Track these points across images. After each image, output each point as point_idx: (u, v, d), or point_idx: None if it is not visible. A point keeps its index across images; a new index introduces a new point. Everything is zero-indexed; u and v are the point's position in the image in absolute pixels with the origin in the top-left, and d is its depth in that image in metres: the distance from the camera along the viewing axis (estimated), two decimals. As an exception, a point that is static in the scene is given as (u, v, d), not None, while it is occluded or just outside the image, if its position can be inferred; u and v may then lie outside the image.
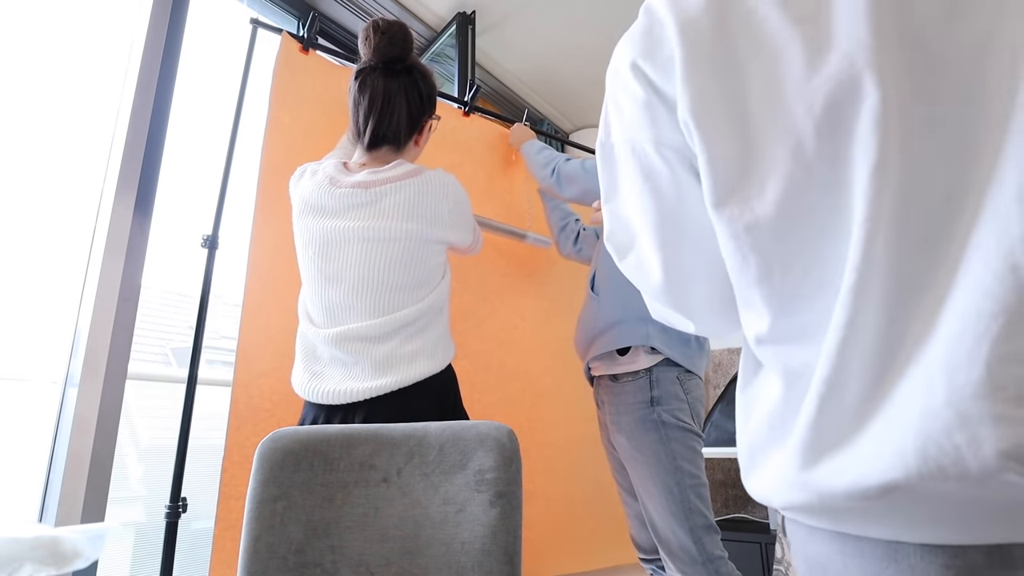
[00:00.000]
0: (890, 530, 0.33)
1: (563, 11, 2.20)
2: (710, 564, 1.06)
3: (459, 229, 1.09)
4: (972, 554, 0.31)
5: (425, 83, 1.12)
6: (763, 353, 0.43)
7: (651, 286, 0.53)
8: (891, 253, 0.33)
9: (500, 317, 1.72)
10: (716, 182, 0.42)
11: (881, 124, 0.34)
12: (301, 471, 0.76)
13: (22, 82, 1.29)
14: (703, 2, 0.45)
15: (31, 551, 0.70)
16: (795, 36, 0.39)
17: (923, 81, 0.35)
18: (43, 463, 1.16)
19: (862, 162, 0.35)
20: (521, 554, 0.75)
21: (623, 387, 1.19)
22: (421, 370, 0.95)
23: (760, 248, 0.40)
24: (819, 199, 0.38)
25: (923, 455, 0.28)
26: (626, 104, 0.51)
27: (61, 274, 1.28)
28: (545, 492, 1.64)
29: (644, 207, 0.51)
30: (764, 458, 0.40)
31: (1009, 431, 0.26)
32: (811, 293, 0.38)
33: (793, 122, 0.39)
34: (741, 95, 0.42)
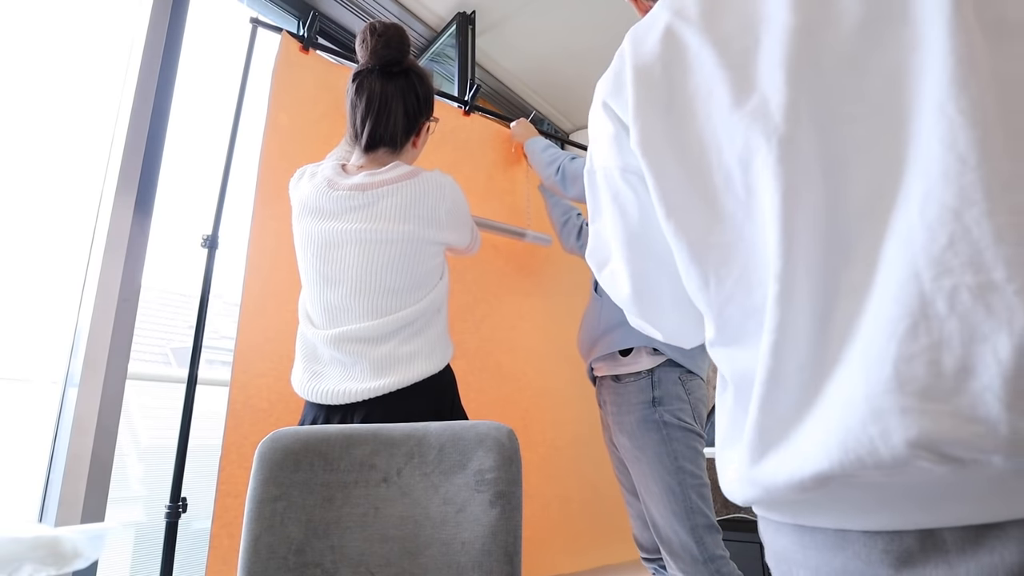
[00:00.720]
0: (836, 519, 0.37)
1: (563, 11, 2.19)
2: (711, 564, 1.06)
3: (456, 230, 1.09)
4: (907, 539, 0.33)
5: (422, 85, 1.12)
6: (716, 356, 0.48)
7: (622, 297, 0.60)
8: (810, 265, 0.37)
9: (498, 317, 1.72)
10: (663, 204, 0.49)
11: (788, 157, 0.39)
12: (301, 471, 0.76)
13: (22, 82, 1.29)
14: (657, 49, 0.52)
15: (31, 551, 0.70)
16: (725, 79, 0.46)
17: (834, 111, 0.40)
18: (43, 463, 1.16)
19: (775, 188, 0.39)
20: (521, 554, 0.74)
21: (625, 387, 1.19)
22: (419, 371, 0.95)
23: (699, 261, 0.46)
24: (744, 219, 0.43)
25: (844, 448, 0.31)
26: (600, 137, 0.59)
27: (61, 274, 1.28)
28: (540, 492, 1.64)
29: (614, 226, 0.58)
30: (726, 457, 0.44)
31: (915, 421, 0.29)
32: (743, 302, 0.43)
33: (721, 155, 0.45)
34: (683, 130, 0.49)
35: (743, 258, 0.43)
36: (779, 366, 0.37)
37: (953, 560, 0.32)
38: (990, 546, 0.30)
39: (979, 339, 0.28)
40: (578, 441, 1.76)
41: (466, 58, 2.16)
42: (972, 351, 0.28)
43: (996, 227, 0.29)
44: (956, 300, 0.29)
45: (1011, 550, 0.30)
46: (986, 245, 0.29)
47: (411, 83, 1.09)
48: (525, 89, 2.64)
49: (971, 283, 0.29)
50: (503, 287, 1.76)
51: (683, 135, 0.49)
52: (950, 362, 0.29)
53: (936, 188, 0.32)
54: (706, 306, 0.47)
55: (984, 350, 0.28)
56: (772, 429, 0.37)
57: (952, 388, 0.28)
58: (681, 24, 0.51)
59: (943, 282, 0.30)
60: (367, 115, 1.07)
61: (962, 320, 0.29)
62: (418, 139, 1.15)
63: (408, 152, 1.13)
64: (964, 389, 0.28)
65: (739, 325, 0.43)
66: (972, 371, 0.28)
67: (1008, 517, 0.30)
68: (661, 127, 0.50)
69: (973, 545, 0.31)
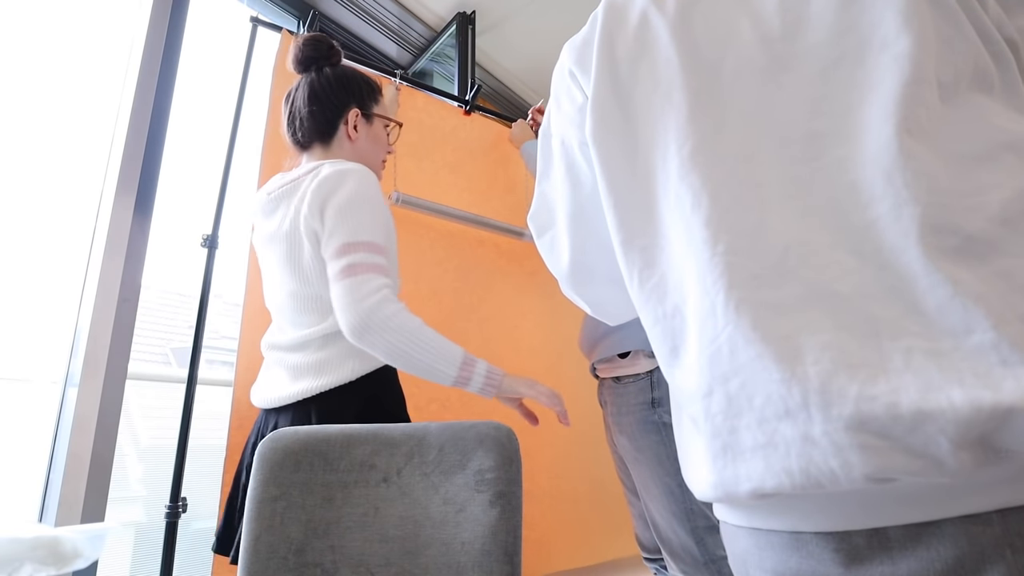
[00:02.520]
0: (791, 522, 0.39)
1: (563, 11, 2.19)
2: (712, 565, 1.06)
3: (337, 225, 0.90)
4: (855, 538, 0.36)
5: (321, 79, 1.05)
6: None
7: (560, 267, 0.61)
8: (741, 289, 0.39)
9: (501, 317, 1.72)
10: (608, 196, 0.50)
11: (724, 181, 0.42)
12: (301, 471, 0.76)
13: (22, 82, 1.29)
14: (629, 39, 0.52)
15: (31, 551, 0.70)
16: (686, 88, 0.47)
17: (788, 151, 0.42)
18: (43, 463, 1.16)
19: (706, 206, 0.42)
20: (521, 554, 0.74)
21: (624, 388, 1.19)
22: (328, 380, 0.91)
23: (629, 258, 0.48)
24: (673, 227, 0.44)
25: (806, 474, 0.34)
26: (565, 103, 0.58)
27: (61, 274, 1.28)
28: (549, 492, 1.64)
29: (564, 196, 0.58)
30: (690, 459, 0.46)
31: (872, 457, 0.32)
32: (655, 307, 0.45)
33: (667, 160, 0.46)
34: (636, 127, 0.50)
35: (663, 264, 0.45)
36: (716, 380, 0.39)
37: (896, 556, 0.34)
38: (928, 542, 0.33)
39: (933, 389, 0.31)
40: (586, 440, 1.75)
41: (466, 58, 2.16)
42: (927, 398, 0.31)
43: (938, 301, 0.33)
44: (911, 359, 0.33)
45: (946, 545, 0.33)
46: (933, 317, 0.33)
47: (319, 78, 1.05)
48: (525, 89, 2.63)
49: (923, 348, 0.33)
50: (506, 287, 1.76)
51: (635, 132, 0.49)
52: (907, 406, 0.31)
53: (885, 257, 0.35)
54: (635, 302, 0.49)
55: (939, 398, 0.31)
56: (723, 445, 0.39)
57: (909, 429, 0.31)
58: (656, 15, 0.52)
59: (899, 344, 0.33)
60: (287, 119, 1.08)
61: (916, 375, 0.32)
62: (349, 128, 1.05)
63: (344, 146, 1.05)
64: (919, 430, 0.31)
65: (652, 327, 0.46)
66: (929, 416, 0.31)
67: (944, 515, 0.33)
68: (617, 120, 0.51)
69: (914, 542, 0.34)
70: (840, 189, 0.39)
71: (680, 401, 0.46)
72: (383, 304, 0.85)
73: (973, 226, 0.34)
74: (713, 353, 0.39)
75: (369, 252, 0.89)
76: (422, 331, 0.87)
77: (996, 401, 0.29)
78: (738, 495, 0.38)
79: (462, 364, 0.89)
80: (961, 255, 0.34)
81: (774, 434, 0.36)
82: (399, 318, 0.86)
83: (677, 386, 0.45)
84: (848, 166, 0.39)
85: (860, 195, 0.38)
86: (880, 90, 0.39)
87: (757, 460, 0.36)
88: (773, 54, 0.45)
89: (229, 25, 1.68)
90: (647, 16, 0.52)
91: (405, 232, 1.58)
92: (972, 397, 0.30)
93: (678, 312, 0.43)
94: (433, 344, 0.87)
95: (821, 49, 0.43)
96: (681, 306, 0.43)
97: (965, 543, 0.32)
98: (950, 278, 0.33)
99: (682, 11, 0.50)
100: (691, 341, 0.42)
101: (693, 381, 0.41)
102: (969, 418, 0.29)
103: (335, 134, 1.05)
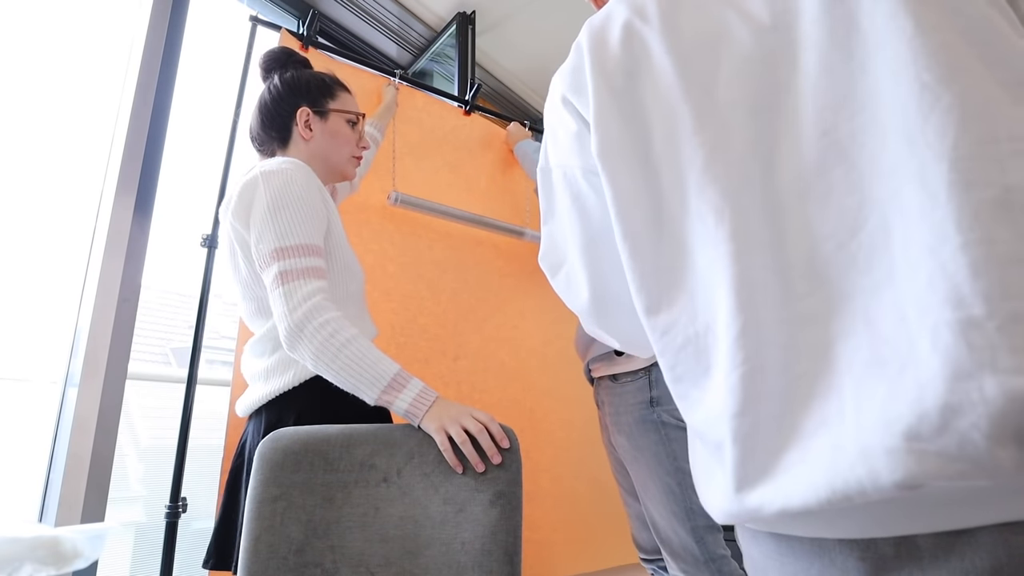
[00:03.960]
0: (814, 529, 0.37)
1: (563, 11, 2.19)
2: (712, 564, 1.06)
3: (263, 231, 0.87)
4: (882, 546, 0.34)
5: (271, 87, 1.07)
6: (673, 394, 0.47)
7: (580, 303, 0.58)
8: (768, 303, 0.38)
9: (501, 317, 1.72)
10: (620, 221, 0.48)
11: (742, 190, 0.40)
12: (301, 471, 0.76)
13: (22, 82, 1.29)
14: (619, 52, 0.50)
15: (31, 551, 0.70)
16: (688, 99, 0.45)
17: (794, 151, 0.40)
18: (43, 463, 1.16)
19: (729, 221, 0.40)
20: (521, 554, 0.74)
21: (623, 387, 1.19)
22: (274, 387, 0.90)
23: (646, 284, 0.46)
24: (695, 245, 0.43)
25: (831, 487, 0.32)
26: (560, 134, 0.56)
27: (61, 274, 1.28)
28: (550, 493, 1.64)
29: (573, 228, 0.56)
30: (707, 486, 0.44)
31: (901, 463, 0.29)
32: (685, 329, 0.43)
33: (680, 176, 0.44)
34: (644, 141, 0.47)
35: (691, 284, 0.43)
36: (749, 401, 0.37)
37: (927, 566, 0.32)
38: (961, 552, 0.31)
39: (963, 377, 0.28)
40: (586, 441, 1.75)
41: (466, 58, 2.16)
42: (956, 389, 0.28)
43: (972, 261, 0.29)
44: (938, 338, 0.29)
45: (981, 555, 0.30)
46: (963, 280, 0.29)
47: (269, 88, 1.07)
48: (525, 89, 2.63)
49: (951, 319, 0.29)
50: (505, 287, 1.76)
51: (643, 150, 0.48)
52: (934, 401, 0.28)
53: (913, 226, 0.32)
54: (650, 330, 0.46)
55: (969, 388, 0.28)
56: (754, 466, 0.37)
57: (938, 427, 0.28)
58: (642, 25, 0.50)
59: (925, 320, 0.30)
60: (248, 135, 1.11)
61: (944, 357, 0.29)
62: (300, 128, 1.04)
63: (300, 145, 1.05)
64: (950, 428, 0.28)
65: (682, 348, 0.44)
66: (958, 410, 0.28)
67: (980, 523, 0.31)
68: (622, 138, 0.49)
69: (946, 551, 0.31)
70: (857, 162, 0.36)
71: (702, 422, 0.43)
72: (315, 312, 0.82)
73: (1013, 176, 0.30)
74: (747, 372, 0.37)
75: (299, 256, 0.86)
76: (349, 346, 0.81)
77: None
78: (764, 516, 0.36)
79: (387, 386, 0.80)
80: (999, 209, 0.29)
81: (807, 451, 0.34)
82: (328, 328, 0.81)
83: (704, 408, 0.42)
84: (863, 138, 0.36)
85: (879, 167, 0.35)
86: (886, 50, 0.36)
87: (788, 478, 0.34)
88: (767, 45, 0.43)
89: (229, 25, 1.68)
90: (632, 28, 0.50)
91: (404, 232, 1.58)
92: (1007, 386, 0.26)
93: (710, 331, 0.41)
94: (358, 361, 0.81)
95: (814, 28, 0.40)
96: (712, 324, 0.41)
97: (1003, 553, 0.30)
98: (986, 237, 0.29)
99: (666, 18, 0.49)
100: (722, 360, 0.39)
101: (721, 401, 0.39)
102: (1004, 410, 0.26)
103: (290, 136, 1.05)
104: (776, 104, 0.41)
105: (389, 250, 1.53)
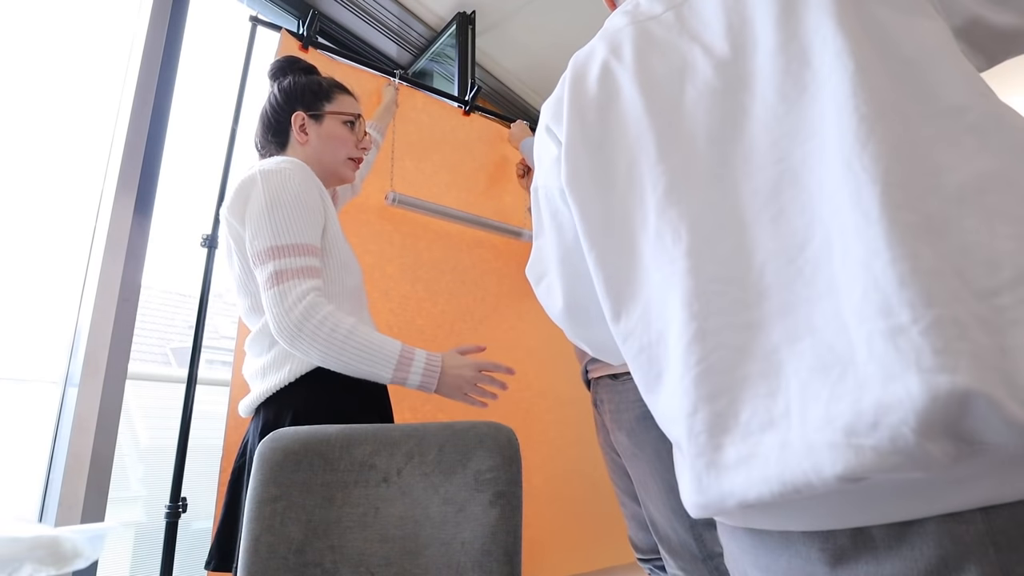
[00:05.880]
0: (778, 522, 0.40)
1: (563, 11, 2.20)
2: (710, 561, 1.06)
3: (259, 229, 0.88)
4: (840, 537, 0.36)
5: (270, 96, 1.09)
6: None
7: (556, 310, 0.63)
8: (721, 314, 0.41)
9: (498, 317, 1.72)
10: (586, 238, 0.52)
11: (699, 210, 0.44)
12: (301, 471, 0.76)
13: (22, 82, 1.29)
14: (594, 88, 0.56)
15: (31, 551, 0.70)
16: (652, 128, 0.49)
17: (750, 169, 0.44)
18: (43, 463, 1.16)
19: (685, 237, 0.44)
20: (521, 554, 0.74)
21: (624, 385, 1.19)
22: (270, 384, 0.90)
23: (612, 294, 0.50)
24: (654, 260, 0.46)
25: (782, 480, 0.34)
26: (544, 158, 0.62)
27: (61, 274, 1.28)
28: (543, 492, 1.64)
29: (551, 242, 0.61)
30: (680, 474, 0.47)
31: (841, 456, 0.32)
32: (640, 337, 0.47)
33: (643, 198, 0.48)
34: (610, 171, 0.52)
35: (646, 296, 0.47)
36: (701, 400, 0.40)
37: (881, 556, 0.34)
38: (912, 542, 0.33)
39: (893, 378, 0.31)
40: (581, 441, 1.76)
41: (466, 58, 2.16)
42: (888, 389, 0.31)
43: (899, 274, 0.32)
44: (873, 344, 0.32)
45: (930, 544, 0.33)
46: (892, 291, 0.32)
47: (269, 97, 1.10)
48: (525, 89, 2.64)
49: (883, 328, 0.32)
50: (502, 288, 1.76)
51: (609, 176, 0.52)
52: (869, 401, 0.31)
53: (850, 242, 0.35)
54: (616, 337, 0.50)
55: (898, 388, 0.30)
56: (711, 462, 0.39)
57: (872, 423, 0.31)
58: (616, 65, 0.55)
59: (862, 329, 0.33)
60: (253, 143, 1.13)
61: (879, 362, 0.32)
62: (296, 130, 1.05)
63: (297, 149, 1.06)
64: (882, 424, 0.30)
65: (638, 355, 0.47)
66: (889, 408, 0.30)
67: (926, 514, 0.33)
68: (589, 166, 0.54)
69: (898, 541, 0.34)
70: (807, 185, 0.40)
71: (662, 423, 0.47)
72: (311, 311, 0.83)
73: (932, 204, 0.34)
74: (699, 375, 0.40)
75: (294, 255, 0.86)
76: (353, 335, 0.85)
77: (953, 385, 0.29)
78: (726, 509, 0.39)
79: (398, 364, 0.86)
80: (922, 230, 0.33)
81: (757, 445, 0.37)
82: (328, 324, 0.83)
83: (660, 411, 0.46)
84: (811, 162, 0.40)
85: (823, 187, 0.38)
86: (830, 84, 0.40)
87: (740, 473, 0.37)
88: (728, 76, 0.47)
89: (229, 25, 1.68)
90: (608, 67, 0.55)
91: (403, 233, 1.58)
92: (929, 384, 0.29)
93: (662, 339, 0.45)
94: (365, 348, 0.85)
95: (770, 62, 0.44)
96: (665, 333, 0.44)
97: (948, 542, 0.32)
98: (911, 253, 0.32)
99: (639, 56, 0.53)
100: (674, 365, 0.43)
101: (676, 403, 0.42)
102: (927, 407, 0.29)
103: (288, 141, 1.07)
104: (734, 132, 0.45)
105: (388, 251, 1.53)
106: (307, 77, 1.12)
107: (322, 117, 1.08)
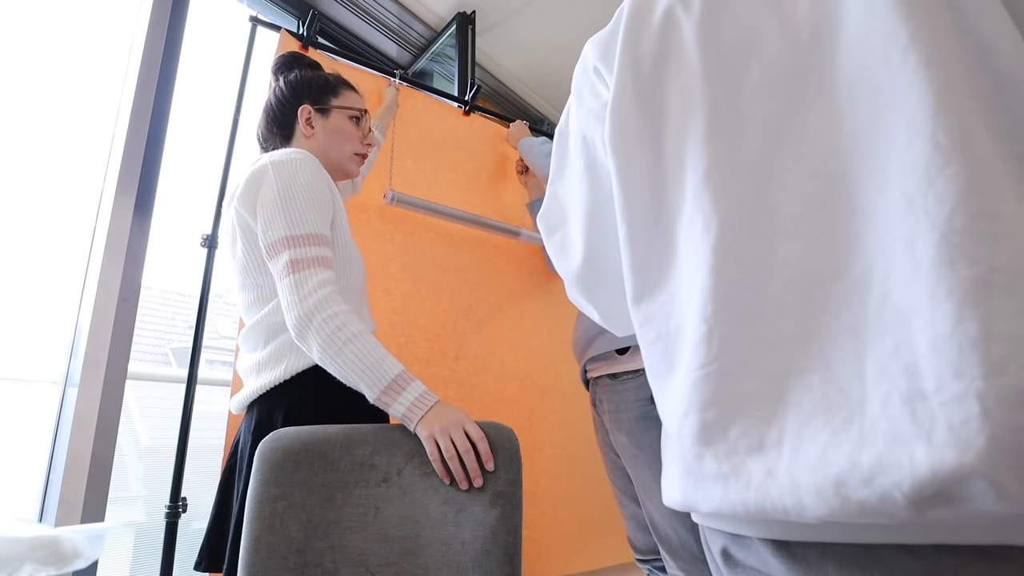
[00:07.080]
0: (738, 528, 0.41)
1: (564, 10, 2.19)
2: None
3: (272, 219, 0.88)
4: (795, 547, 0.37)
5: (276, 90, 1.10)
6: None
7: (570, 267, 0.58)
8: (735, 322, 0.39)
9: (500, 317, 1.72)
10: (622, 199, 0.48)
11: (733, 206, 0.41)
12: (301, 471, 0.76)
13: (22, 82, 1.29)
14: (653, 39, 0.49)
15: (31, 551, 0.70)
16: (706, 101, 0.45)
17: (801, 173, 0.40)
18: (43, 463, 1.16)
19: (714, 233, 0.41)
20: (521, 554, 0.74)
21: (623, 384, 1.19)
22: (265, 381, 0.89)
23: (637, 272, 0.47)
24: (685, 248, 0.44)
25: (760, 507, 0.35)
26: (589, 100, 0.56)
27: (61, 274, 1.28)
28: (549, 492, 1.64)
29: (581, 194, 0.56)
30: (666, 464, 0.47)
31: (825, 502, 0.32)
32: (660, 324, 0.45)
33: (683, 175, 0.44)
34: (658, 136, 0.48)
35: (673, 286, 0.45)
36: (697, 405, 0.39)
37: (846, 563, 0.35)
38: (862, 564, 0.34)
39: (899, 441, 0.30)
40: (585, 440, 1.75)
41: (466, 58, 2.16)
42: (891, 450, 0.30)
43: (933, 338, 0.30)
44: (889, 403, 0.31)
45: (880, 570, 0.33)
46: (923, 354, 0.30)
47: (275, 91, 1.10)
48: (525, 89, 2.63)
49: (903, 389, 0.31)
50: (504, 287, 1.76)
51: (655, 143, 0.48)
52: (869, 456, 0.31)
53: (893, 288, 0.33)
54: (633, 316, 0.48)
55: (902, 452, 0.29)
56: (694, 465, 0.39)
57: (865, 479, 0.30)
58: (683, 14, 0.48)
59: (881, 384, 0.32)
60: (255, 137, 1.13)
61: (890, 423, 0.31)
62: (302, 123, 1.06)
63: (302, 143, 1.06)
64: (875, 482, 0.30)
65: (654, 342, 0.46)
66: (886, 468, 0.30)
67: (883, 541, 0.34)
68: (636, 128, 0.49)
69: (851, 560, 0.35)
70: (857, 207, 0.36)
71: (663, 413, 0.46)
72: (325, 303, 0.82)
73: (1001, 256, 0.29)
74: (699, 379, 0.39)
75: (309, 245, 0.86)
76: (355, 341, 0.81)
77: (958, 465, 0.27)
78: (700, 512, 0.40)
79: (387, 387, 0.79)
80: (978, 288, 0.29)
81: (740, 466, 0.36)
82: (336, 321, 0.81)
83: (663, 401, 0.46)
84: (869, 185, 0.35)
85: (876, 219, 0.34)
86: (907, 96, 0.34)
87: (717, 488, 0.37)
88: (799, 62, 0.41)
89: (229, 25, 1.68)
90: (673, 14, 0.49)
91: (405, 232, 1.58)
92: (933, 458, 0.28)
93: (679, 332, 0.43)
94: (362, 358, 0.80)
95: (848, 54, 0.38)
96: (682, 327, 0.43)
97: (899, 571, 0.32)
98: (955, 315, 0.29)
99: (708, 11, 0.47)
100: (683, 362, 0.42)
101: (675, 399, 0.42)
102: (926, 480, 0.28)
103: (293, 135, 1.07)
104: (792, 127, 0.40)
105: (390, 250, 1.53)
106: (313, 72, 1.12)
107: (328, 111, 1.08)
